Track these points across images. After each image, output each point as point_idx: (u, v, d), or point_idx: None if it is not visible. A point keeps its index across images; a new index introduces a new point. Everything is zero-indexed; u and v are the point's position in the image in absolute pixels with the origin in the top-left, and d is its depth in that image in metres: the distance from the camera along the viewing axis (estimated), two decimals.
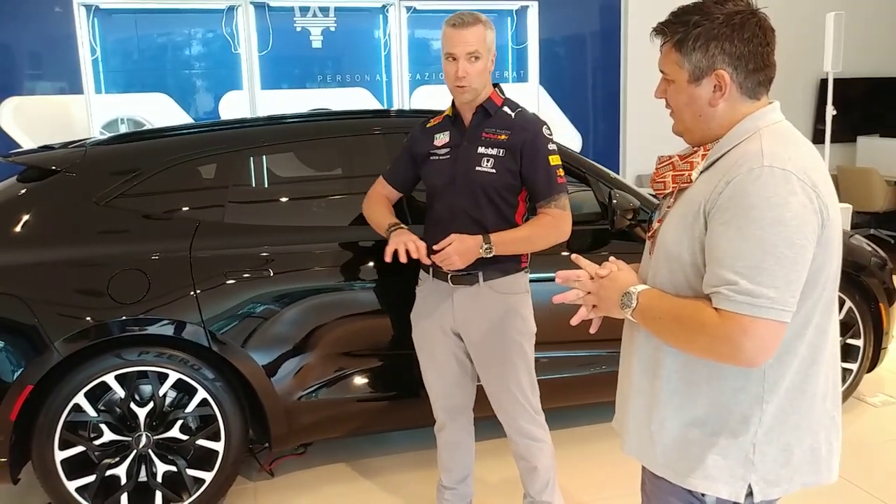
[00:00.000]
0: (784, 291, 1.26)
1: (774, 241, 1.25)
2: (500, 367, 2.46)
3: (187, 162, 2.89)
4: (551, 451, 2.58)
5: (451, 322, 2.47)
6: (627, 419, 1.55)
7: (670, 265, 1.42)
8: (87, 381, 2.61)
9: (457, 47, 2.27)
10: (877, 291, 3.58)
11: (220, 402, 2.74)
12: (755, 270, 1.25)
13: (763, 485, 1.39)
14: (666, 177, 1.48)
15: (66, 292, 2.62)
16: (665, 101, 1.50)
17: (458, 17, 2.29)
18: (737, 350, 1.27)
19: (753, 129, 1.38)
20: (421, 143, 2.49)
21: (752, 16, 1.37)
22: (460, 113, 2.43)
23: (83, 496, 2.66)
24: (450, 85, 2.35)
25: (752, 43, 1.36)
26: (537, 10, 6.21)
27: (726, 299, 1.27)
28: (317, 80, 6.15)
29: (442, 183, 2.40)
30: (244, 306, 2.75)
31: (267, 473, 3.19)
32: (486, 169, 2.33)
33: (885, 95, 7.56)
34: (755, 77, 1.39)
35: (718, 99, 1.39)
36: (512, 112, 2.39)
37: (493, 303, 2.41)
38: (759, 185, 1.27)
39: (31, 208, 2.75)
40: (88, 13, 5.47)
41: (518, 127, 2.35)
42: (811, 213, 1.28)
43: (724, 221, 1.30)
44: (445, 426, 2.63)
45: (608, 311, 1.50)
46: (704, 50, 1.37)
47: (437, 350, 2.53)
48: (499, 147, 2.34)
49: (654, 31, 1.45)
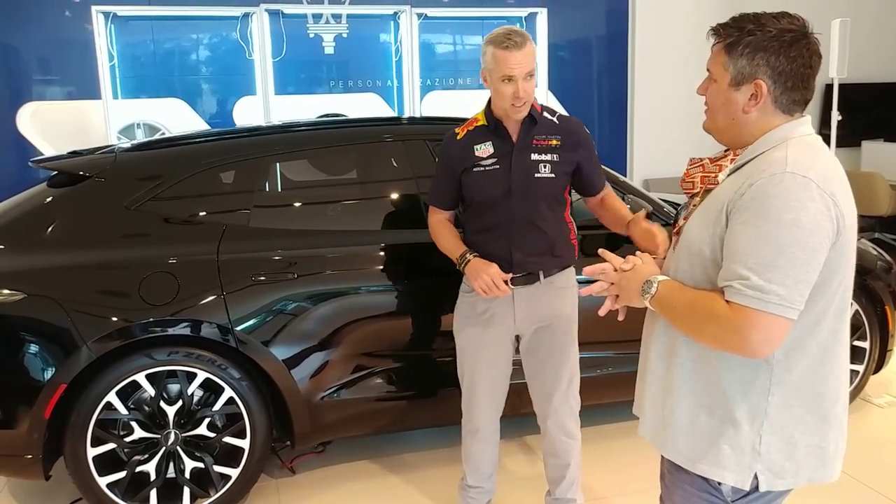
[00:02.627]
0: (792, 290, 1.33)
1: (789, 242, 1.33)
2: (556, 362, 2.53)
3: (214, 168, 2.98)
4: (580, 449, 2.66)
5: (512, 325, 2.50)
6: (644, 403, 1.65)
7: (691, 260, 1.50)
8: (118, 380, 2.69)
9: (515, 69, 2.26)
10: (882, 294, 3.65)
11: (246, 400, 2.82)
12: (767, 268, 1.33)
13: (769, 475, 1.47)
14: (695, 177, 1.57)
15: (98, 294, 2.71)
16: (704, 98, 1.57)
17: (509, 39, 2.25)
18: (743, 341, 1.36)
19: (782, 139, 1.45)
20: (460, 158, 2.45)
21: (804, 37, 1.44)
22: (502, 122, 2.42)
23: (114, 492, 2.74)
24: (505, 104, 2.32)
25: (796, 63, 1.43)
26: (546, 16, 6.29)
27: (737, 293, 1.35)
28: (329, 86, 6.23)
29: (497, 193, 2.41)
30: (269, 308, 2.83)
31: (288, 471, 3.27)
32: (545, 175, 2.40)
33: (889, 101, 7.62)
34: (791, 95, 1.46)
35: (752, 107, 1.47)
36: (553, 117, 2.47)
37: (553, 298, 2.48)
38: (779, 188, 1.35)
39: (64, 213, 2.83)
40: (106, 20, 5.56)
41: (567, 131, 2.44)
42: (827, 219, 1.35)
43: (744, 220, 1.38)
44: (481, 428, 2.64)
45: (629, 300, 1.60)
46: (750, 58, 1.44)
47: (494, 356, 2.55)
48: (552, 152, 2.41)
49: (711, 30, 1.51)
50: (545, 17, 6.29)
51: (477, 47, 6.24)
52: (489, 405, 2.63)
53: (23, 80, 5.70)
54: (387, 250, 3.00)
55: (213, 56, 6.02)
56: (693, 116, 2.73)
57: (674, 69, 6.61)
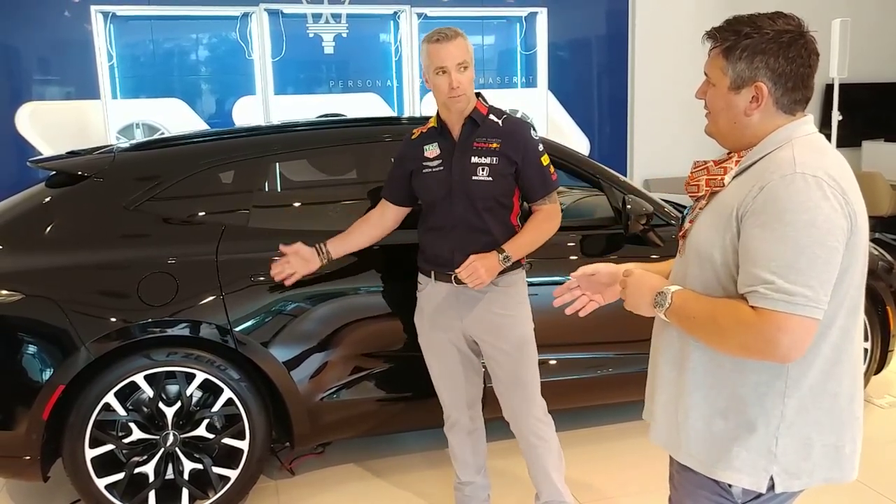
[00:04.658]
0: (818, 290, 1.33)
1: (807, 243, 1.32)
2: (512, 360, 2.53)
3: (213, 168, 2.97)
4: (559, 450, 2.65)
5: (459, 322, 2.54)
6: (656, 409, 1.63)
7: (701, 264, 1.49)
8: (116, 381, 2.68)
9: (446, 60, 2.33)
10: (884, 295, 3.64)
11: (245, 401, 2.81)
12: (790, 270, 1.32)
13: (784, 476, 1.45)
14: (700, 180, 1.55)
15: (97, 295, 2.70)
16: (704, 103, 1.56)
17: (440, 33, 2.35)
18: (772, 346, 1.34)
19: (786, 139, 1.44)
20: (411, 157, 2.55)
21: (801, 37, 1.43)
22: (447, 124, 2.48)
23: (112, 493, 2.73)
24: (442, 98, 2.39)
25: (795, 63, 1.42)
26: (546, 16, 6.29)
27: (763, 297, 1.34)
28: (328, 86, 6.23)
29: (439, 195, 2.47)
30: (269, 309, 2.83)
31: (288, 472, 3.26)
32: (482, 178, 2.42)
33: (889, 101, 7.62)
34: (792, 95, 1.45)
35: (754, 109, 1.46)
36: (499, 119, 2.47)
37: (498, 297, 2.50)
38: (791, 190, 1.34)
39: (63, 213, 2.82)
40: (105, 20, 5.56)
41: (508, 134, 2.44)
42: (841, 217, 1.35)
43: (759, 224, 1.36)
44: (458, 422, 2.69)
45: (636, 308, 1.59)
46: (749, 61, 1.43)
47: (446, 350, 2.61)
48: (492, 155, 2.42)
49: (707, 34, 1.50)
50: (545, 17, 6.28)
51: (477, 47, 6.23)
52: (455, 397, 2.67)
53: (22, 80, 5.70)
54: (386, 251, 2.99)
55: (212, 56, 6.01)
56: (693, 116, 2.72)
57: (674, 69, 6.60)
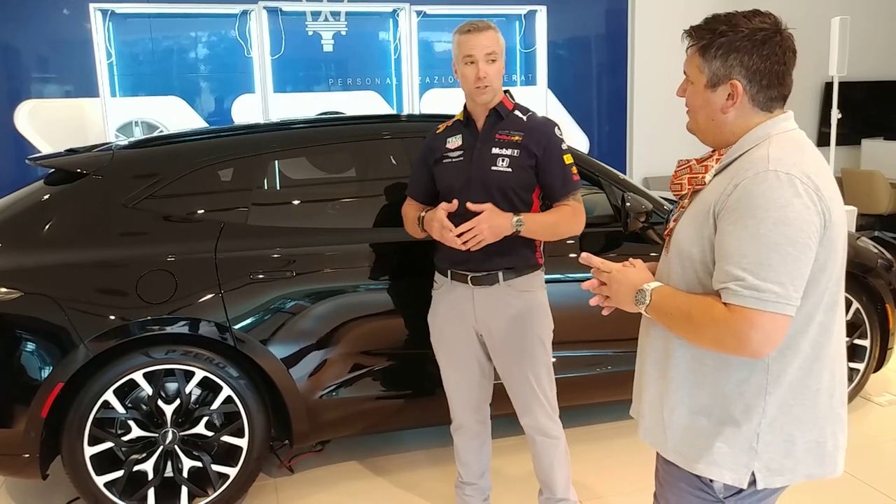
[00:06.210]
0: (788, 286, 1.34)
1: (778, 240, 1.34)
2: (521, 364, 2.52)
3: (212, 165, 2.96)
4: (566, 448, 2.65)
5: (473, 322, 2.53)
6: (642, 406, 1.65)
7: (682, 262, 1.51)
8: (115, 378, 2.68)
9: (475, 50, 2.36)
10: (883, 293, 3.64)
11: (244, 399, 2.81)
12: (760, 267, 1.34)
13: (766, 472, 1.47)
14: (683, 179, 1.59)
15: (96, 293, 2.70)
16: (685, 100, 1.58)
17: (472, 24, 2.39)
18: (743, 342, 1.36)
19: (765, 136, 1.46)
20: (434, 149, 2.56)
21: (776, 35, 1.45)
22: (472, 116, 2.50)
23: (111, 491, 2.73)
24: (469, 87, 2.41)
25: (770, 60, 1.44)
26: (546, 14, 6.28)
27: (734, 294, 1.36)
28: (327, 84, 6.22)
29: (458, 184, 2.46)
30: (268, 306, 2.82)
31: (287, 470, 3.26)
32: (501, 168, 2.41)
33: (889, 99, 7.62)
34: (768, 93, 1.47)
35: (729, 107, 1.48)
36: (523, 115, 2.48)
37: (514, 301, 2.48)
38: (763, 187, 1.36)
39: (61, 211, 2.82)
40: (104, 17, 5.55)
41: (531, 129, 2.44)
42: (814, 214, 1.36)
43: (732, 221, 1.39)
44: (464, 424, 2.69)
45: (620, 304, 1.60)
46: (724, 59, 1.46)
47: (459, 351, 2.59)
48: (513, 147, 2.42)
49: (685, 32, 1.52)
50: (544, 15, 6.28)
51: None
52: (465, 401, 2.65)
53: (20, 78, 5.69)
54: (386, 248, 2.99)
55: (211, 54, 6.00)
56: None
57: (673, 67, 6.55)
